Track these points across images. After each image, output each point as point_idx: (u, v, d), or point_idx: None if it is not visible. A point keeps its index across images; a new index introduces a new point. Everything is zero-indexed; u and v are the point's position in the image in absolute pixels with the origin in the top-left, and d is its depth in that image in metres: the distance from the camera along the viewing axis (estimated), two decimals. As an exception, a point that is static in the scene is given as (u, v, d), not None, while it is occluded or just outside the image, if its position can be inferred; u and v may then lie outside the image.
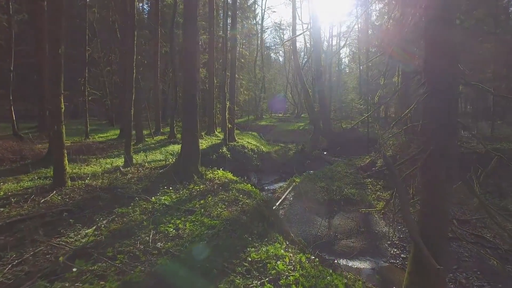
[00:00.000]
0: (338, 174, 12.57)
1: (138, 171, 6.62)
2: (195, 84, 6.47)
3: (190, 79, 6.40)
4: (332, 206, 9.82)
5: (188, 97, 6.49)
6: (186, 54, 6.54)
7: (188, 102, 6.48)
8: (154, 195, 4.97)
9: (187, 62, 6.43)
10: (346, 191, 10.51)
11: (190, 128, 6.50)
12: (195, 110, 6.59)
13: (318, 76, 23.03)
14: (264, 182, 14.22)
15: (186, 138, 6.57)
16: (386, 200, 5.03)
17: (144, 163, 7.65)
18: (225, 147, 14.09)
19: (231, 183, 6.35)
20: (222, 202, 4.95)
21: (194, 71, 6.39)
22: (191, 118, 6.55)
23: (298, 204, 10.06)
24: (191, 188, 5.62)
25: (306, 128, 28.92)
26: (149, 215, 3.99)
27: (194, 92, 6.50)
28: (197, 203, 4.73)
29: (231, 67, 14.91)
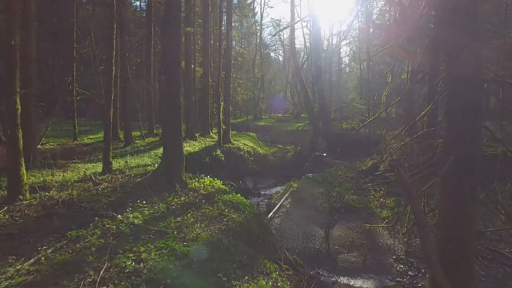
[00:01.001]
0: (339, 179, 11.86)
1: (114, 179, 5.91)
2: (177, 83, 5.76)
3: (171, 76, 5.70)
4: (332, 215, 9.11)
5: (169, 97, 5.79)
6: (166, 46, 5.83)
7: (170, 103, 5.78)
8: (125, 210, 4.27)
9: (168, 57, 5.72)
10: (347, 197, 9.81)
11: (173, 132, 5.79)
12: (178, 112, 5.89)
13: (318, 75, 22.32)
14: (260, 186, 13.52)
15: (168, 143, 5.87)
16: (396, 219, 4.28)
17: (125, 170, 6.93)
18: (219, 149, 13.38)
19: (218, 193, 5.63)
20: (204, 219, 4.24)
21: (175, 67, 5.68)
22: (173, 121, 5.84)
23: (296, 212, 9.35)
24: (170, 200, 4.90)
25: (306, 129, 28.21)
26: (110, 240, 3.29)
27: (176, 91, 5.80)
28: (173, 221, 4.02)
29: (226, 65, 14.20)
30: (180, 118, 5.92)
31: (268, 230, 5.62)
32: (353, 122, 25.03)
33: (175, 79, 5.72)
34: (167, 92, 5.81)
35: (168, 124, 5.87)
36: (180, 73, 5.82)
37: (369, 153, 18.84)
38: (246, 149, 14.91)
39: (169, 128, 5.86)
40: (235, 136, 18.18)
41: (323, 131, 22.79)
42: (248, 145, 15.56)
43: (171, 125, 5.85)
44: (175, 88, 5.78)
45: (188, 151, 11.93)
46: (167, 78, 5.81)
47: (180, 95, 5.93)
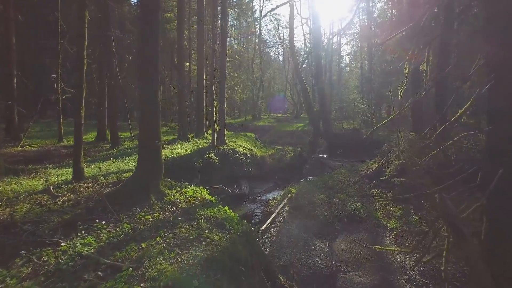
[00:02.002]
0: (340, 183, 11.01)
1: (82, 189, 5.07)
2: (154, 76, 4.92)
3: (147, 69, 4.85)
4: (334, 225, 8.27)
5: (145, 93, 4.94)
6: (142, 32, 4.97)
7: (146, 100, 4.94)
8: (78, 233, 3.42)
9: (144, 45, 4.87)
10: (350, 205, 8.96)
11: (149, 134, 4.95)
12: (156, 111, 5.04)
13: (318, 73, 21.47)
14: (256, 191, 12.68)
15: (144, 148, 5.02)
16: (415, 244, 3.39)
17: (100, 177, 6.09)
18: (213, 151, 12.53)
19: (201, 207, 4.79)
20: (176, 244, 3.39)
21: (152, 58, 4.83)
22: (150, 121, 4.99)
23: (294, 221, 8.50)
24: (139, 218, 4.06)
25: (305, 129, 27.39)
26: (39, 282, 2.45)
27: (153, 86, 4.95)
28: (135, 248, 3.17)
29: (221, 61, 13.35)
30: (158, 118, 5.07)
31: (260, 252, 4.76)
32: (354, 122, 24.17)
33: (152, 72, 4.87)
34: (142, 87, 4.96)
35: (144, 125, 5.02)
36: (159, 66, 4.97)
37: (371, 155, 17.99)
38: (242, 151, 14.07)
39: (145, 130, 5.01)
40: (232, 137, 17.34)
41: (323, 132, 21.96)
42: (244, 147, 14.71)
43: (147, 126, 5.00)
44: (152, 82, 4.93)
45: (178, 154, 11.09)
46: (142, 71, 4.96)
47: (158, 92, 5.08)
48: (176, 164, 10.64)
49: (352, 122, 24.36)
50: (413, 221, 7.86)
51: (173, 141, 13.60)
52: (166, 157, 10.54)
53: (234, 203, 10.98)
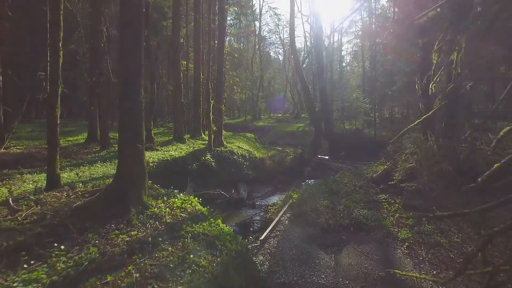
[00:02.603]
0: (345, 188, 10.33)
1: (53, 200, 4.40)
2: (137, 69, 4.25)
3: (127, 59, 4.18)
4: (339, 234, 7.58)
5: (126, 89, 4.27)
6: (121, 15, 4.29)
7: (126, 97, 4.27)
8: (26, 263, 2.73)
9: (123, 31, 4.20)
10: (357, 212, 8.28)
11: (130, 137, 4.28)
12: (139, 110, 4.37)
13: (320, 71, 20.79)
14: (255, 196, 12.00)
15: (124, 152, 4.35)
16: (456, 273, 2.63)
17: (78, 184, 5.41)
18: (210, 153, 11.86)
19: (190, 221, 4.10)
20: (152, 275, 2.70)
21: (134, 47, 4.16)
22: (131, 122, 4.32)
23: (296, 230, 7.83)
24: (113, 237, 3.39)
25: (306, 130, 26.71)
26: None
27: (135, 81, 4.28)
28: (97, 284, 2.49)
29: (219, 58, 12.68)
30: (141, 118, 4.40)
31: (258, 277, 4.08)
32: (356, 123, 23.48)
33: (133, 64, 4.20)
34: (122, 81, 4.28)
35: (124, 126, 4.35)
36: (141, 57, 4.30)
37: (375, 156, 17.32)
38: (241, 153, 13.39)
39: (125, 132, 4.34)
40: (230, 138, 16.66)
41: (325, 132, 21.28)
42: (243, 148, 14.04)
43: (127, 127, 4.33)
44: (133, 76, 4.26)
45: (172, 156, 10.42)
46: (121, 63, 4.29)
47: (141, 87, 4.41)
48: (169, 167, 9.98)
49: (355, 122, 23.69)
50: (426, 230, 7.18)
51: (168, 142, 12.93)
52: (158, 159, 9.89)
53: (231, 209, 10.32)
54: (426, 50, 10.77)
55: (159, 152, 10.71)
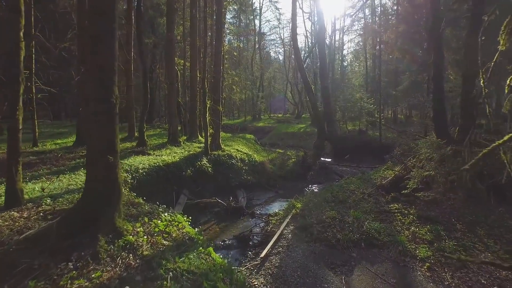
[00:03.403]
0: (352, 196, 9.52)
1: (4, 225, 3.57)
2: (111, 66, 3.43)
3: (99, 55, 3.36)
4: (349, 251, 6.76)
5: (96, 89, 3.45)
6: (93, 6, 3.45)
7: (95, 97, 3.44)
8: None
9: (96, 24, 3.38)
10: (367, 225, 7.45)
11: (100, 146, 3.46)
12: (111, 113, 3.54)
13: (323, 70, 19.95)
14: (255, 203, 11.18)
15: (93, 165, 3.53)
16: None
17: (45, 200, 4.58)
18: (206, 158, 11.03)
19: (173, 252, 3.28)
20: None
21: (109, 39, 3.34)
22: (102, 128, 3.50)
23: (300, 246, 7.00)
24: (65, 284, 2.55)
25: (308, 131, 25.91)
26: None
27: (107, 76, 3.46)
28: None
29: (216, 55, 11.85)
30: (113, 123, 3.58)
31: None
32: (360, 123, 22.65)
33: (105, 56, 3.38)
34: (91, 78, 3.46)
35: (94, 134, 3.52)
36: (116, 49, 3.47)
37: (381, 159, 16.51)
38: (240, 157, 12.57)
39: (94, 140, 3.52)
40: (228, 140, 15.83)
41: (327, 134, 20.44)
42: (242, 151, 13.21)
43: (98, 136, 3.50)
44: (105, 73, 3.44)
45: (165, 161, 9.59)
46: (91, 56, 3.46)
47: (115, 86, 3.58)
48: (161, 174, 9.16)
49: (359, 123, 22.85)
50: (448, 247, 6.36)
51: (162, 146, 12.11)
52: (150, 165, 9.07)
53: (229, 218, 9.51)
54: (439, 47, 9.96)
55: (151, 157, 9.89)
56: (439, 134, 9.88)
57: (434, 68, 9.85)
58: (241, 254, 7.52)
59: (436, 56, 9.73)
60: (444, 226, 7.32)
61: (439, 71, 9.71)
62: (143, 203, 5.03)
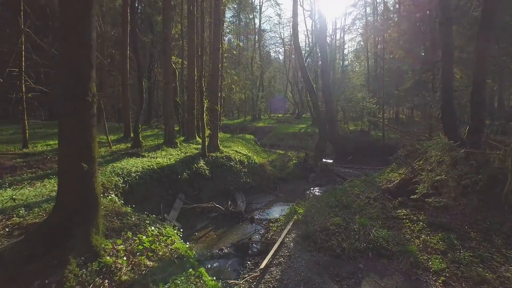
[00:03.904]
0: (357, 200, 9.03)
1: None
2: (86, 58, 2.94)
3: (73, 46, 2.88)
4: (355, 262, 6.27)
5: (69, 85, 2.96)
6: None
7: (69, 96, 2.96)
8: None
9: (69, 8, 2.89)
10: (375, 233, 6.96)
11: (73, 152, 2.97)
12: (87, 113, 3.06)
13: (324, 68, 19.44)
14: (255, 207, 10.69)
15: (65, 174, 3.03)
16: None
17: (19, 210, 4.08)
18: (203, 160, 10.54)
19: (158, 274, 2.78)
20: None
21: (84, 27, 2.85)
22: (76, 130, 3.01)
23: (303, 256, 6.52)
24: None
25: (309, 131, 25.42)
26: None
27: (84, 74, 2.97)
28: None
29: (214, 52, 11.34)
30: (89, 124, 3.09)
31: None
32: (362, 124, 22.15)
33: (81, 47, 2.89)
34: (66, 72, 2.96)
35: (66, 137, 3.03)
36: (93, 39, 2.98)
37: (384, 161, 16.02)
38: (239, 158, 12.08)
39: (67, 145, 3.02)
40: (227, 141, 15.34)
41: (330, 134, 19.95)
42: (241, 153, 12.72)
43: (70, 139, 3.01)
44: (80, 66, 2.95)
45: (159, 164, 9.10)
46: (64, 47, 2.96)
47: (92, 81, 3.09)
48: (155, 177, 8.67)
49: (361, 123, 22.35)
50: (463, 258, 5.86)
51: (157, 147, 11.61)
52: (143, 168, 8.57)
53: (227, 224, 9.02)
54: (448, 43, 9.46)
55: (145, 159, 9.40)
56: (448, 135, 9.38)
57: (443, 65, 9.36)
58: (239, 264, 7.04)
59: (445, 53, 9.24)
60: (457, 234, 6.82)
61: (449, 69, 9.21)
62: (130, 213, 4.53)
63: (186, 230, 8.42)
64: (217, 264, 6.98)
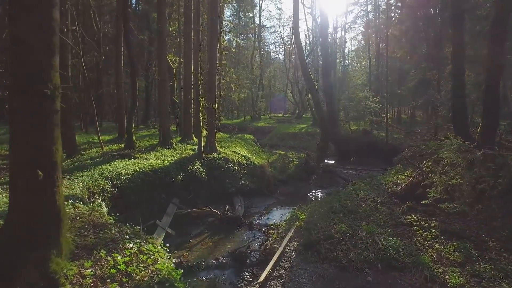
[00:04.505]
0: (363, 205, 8.47)
1: None
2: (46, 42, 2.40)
3: (27, 27, 2.33)
4: (363, 274, 5.70)
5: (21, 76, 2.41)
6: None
7: (21, 89, 2.40)
8: None
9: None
10: (383, 242, 6.40)
11: (27, 157, 2.41)
12: (46, 110, 2.50)
13: (325, 66, 18.88)
14: (254, 211, 10.14)
15: (17, 185, 2.47)
16: None
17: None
18: (199, 161, 9.99)
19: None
20: None
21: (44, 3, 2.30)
22: (29, 132, 2.45)
23: (306, 267, 5.96)
24: None
25: (310, 131, 24.85)
26: None
27: (43, 62, 2.42)
28: None
29: (211, 48, 10.79)
30: (48, 123, 2.53)
31: None
32: (365, 124, 21.58)
33: (37, 28, 2.34)
34: (15, 61, 2.41)
35: (17, 140, 2.46)
36: (57, 20, 2.43)
37: (388, 162, 15.47)
38: (237, 159, 11.53)
39: (18, 149, 2.47)
40: (226, 141, 14.79)
41: (332, 135, 19.38)
42: (239, 154, 12.17)
43: (23, 142, 2.46)
44: (36, 52, 2.40)
45: (152, 166, 8.54)
46: (15, 29, 2.41)
47: (54, 71, 2.53)
48: (147, 180, 8.11)
49: (363, 123, 21.79)
50: (484, 272, 5.28)
51: (151, 148, 11.06)
52: (134, 171, 8.02)
53: (224, 230, 8.47)
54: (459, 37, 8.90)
55: (137, 161, 8.85)
56: (459, 136, 8.81)
57: (454, 61, 8.80)
58: (236, 275, 6.49)
59: (456, 48, 8.68)
60: (473, 243, 6.26)
61: (460, 64, 8.66)
62: (111, 224, 3.97)
63: (180, 237, 7.88)
64: (212, 275, 6.44)
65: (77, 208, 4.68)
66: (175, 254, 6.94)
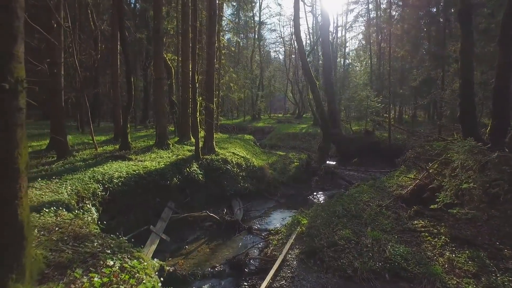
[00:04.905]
0: (367, 209, 8.08)
1: None
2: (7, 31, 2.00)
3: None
4: (370, 285, 5.32)
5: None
6: None
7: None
8: None
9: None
10: (390, 249, 6.02)
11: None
12: (7, 108, 2.11)
13: (327, 65, 18.48)
14: (253, 215, 9.76)
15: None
16: None
17: None
18: (196, 163, 9.61)
19: None
20: None
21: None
22: None
23: (308, 277, 5.58)
24: None
25: (310, 131, 24.45)
26: None
27: (3, 69, 2.03)
28: None
29: (209, 46, 10.41)
30: (12, 122, 2.15)
31: None
32: (366, 124, 21.18)
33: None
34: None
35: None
36: (21, 7, 2.04)
37: (391, 163, 15.09)
38: (236, 161, 11.14)
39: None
40: (224, 142, 14.40)
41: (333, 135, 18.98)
42: (238, 155, 11.78)
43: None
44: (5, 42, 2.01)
45: (146, 168, 8.16)
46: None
47: (16, 62, 2.16)
48: (141, 183, 7.73)
49: (364, 123, 21.38)
50: (502, 284, 4.90)
51: (147, 149, 10.68)
52: (127, 173, 7.64)
53: (223, 235, 8.08)
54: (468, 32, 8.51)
55: (131, 163, 8.46)
56: (466, 136, 8.42)
57: (462, 58, 8.41)
58: (234, 285, 6.09)
59: (464, 44, 8.29)
60: (487, 251, 5.88)
61: (468, 61, 8.27)
62: (94, 235, 3.59)
63: (176, 243, 7.49)
64: (208, 285, 6.04)
65: (60, 216, 4.30)
66: (169, 262, 6.57)
